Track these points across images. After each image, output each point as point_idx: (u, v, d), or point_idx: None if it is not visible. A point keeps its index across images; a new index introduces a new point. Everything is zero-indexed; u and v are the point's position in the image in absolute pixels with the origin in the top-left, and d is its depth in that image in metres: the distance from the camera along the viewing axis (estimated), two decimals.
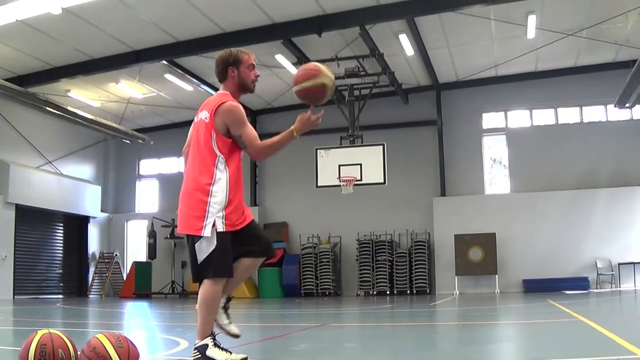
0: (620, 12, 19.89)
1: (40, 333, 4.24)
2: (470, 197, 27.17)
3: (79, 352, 4.17)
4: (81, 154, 30.14)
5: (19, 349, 4.23)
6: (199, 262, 5.41)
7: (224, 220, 5.43)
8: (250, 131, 5.58)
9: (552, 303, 15.35)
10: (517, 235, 25.75)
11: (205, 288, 5.38)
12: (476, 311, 14.73)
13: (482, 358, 6.03)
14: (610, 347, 6.14)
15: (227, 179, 5.49)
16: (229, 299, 5.76)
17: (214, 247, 5.36)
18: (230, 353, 5.34)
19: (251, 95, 21.48)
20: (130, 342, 4.16)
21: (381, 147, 21.76)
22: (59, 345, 4.19)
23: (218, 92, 5.81)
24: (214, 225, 5.37)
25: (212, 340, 5.37)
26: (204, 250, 5.38)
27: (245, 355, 5.39)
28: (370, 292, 26.61)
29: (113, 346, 4.04)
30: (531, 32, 21.70)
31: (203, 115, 5.59)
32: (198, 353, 5.32)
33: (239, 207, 5.57)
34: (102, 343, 4.05)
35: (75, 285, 30.18)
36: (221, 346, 5.38)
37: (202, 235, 5.37)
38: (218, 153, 5.50)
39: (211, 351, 5.32)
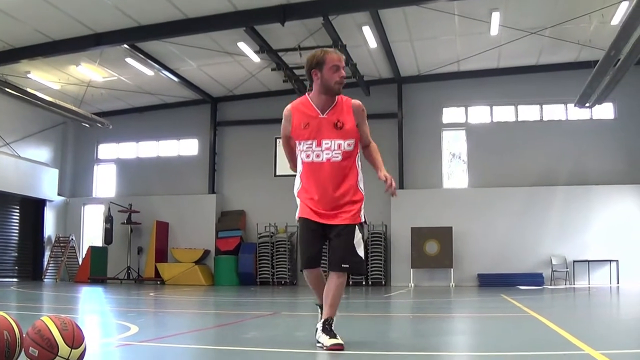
0: (584, 12, 20.13)
1: None
2: (428, 191, 27.33)
3: (24, 335, 4.15)
4: (39, 137, 29.77)
5: None
6: None
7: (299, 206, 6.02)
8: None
9: (505, 298, 15.49)
10: (473, 229, 25.97)
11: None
12: (429, 304, 14.81)
13: (431, 350, 6.08)
14: (558, 342, 6.21)
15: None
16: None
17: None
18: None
19: (211, 82, 21.62)
20: (76, 325, 4.13)
21: None
22: (4, 327, 4.15)
23: None
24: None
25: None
26: None
27: (340, 342, 5.54)
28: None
29: (58, 329, 4.01)
30: (494, 29, 21.86)
31: None
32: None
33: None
34: (47, 325, 4.02)
35: (30, 269, 29.88)
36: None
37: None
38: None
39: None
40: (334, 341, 5.46)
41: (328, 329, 5.60)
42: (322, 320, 5.72)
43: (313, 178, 5.88)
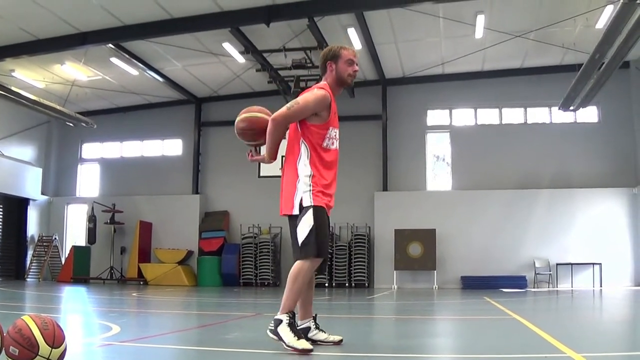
0: (569, 16, 20.21)
1: None
2: (412, 193, 27.34)
3: (5, 334, 4.13)
4: (23, 135, 29.64)
5: None
6: None
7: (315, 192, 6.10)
8: (295, 103, 6.24)
9: (488, 300, 15.52)
10: (457, 232, 26.01)
11: None
12: (412, 306, 14.83)
13: (414, 352, 6.08)
14: (540, 345, 6.23)
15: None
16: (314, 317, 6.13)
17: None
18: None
19: (196, 82, 21.63)
20: (57, 324, 4.12)
21: None
22: None
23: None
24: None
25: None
26: None
27: (311, 347, 5.55)
28: None
29: (38, 328, 4.00)
30: (479, 32, 21.90)
31: None
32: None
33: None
34: (27, 324, 4.02)
35: (12, 268, 29.70)
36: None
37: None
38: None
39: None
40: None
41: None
42: (313, 317, 6.10)
43: (331, 165, 6.30)
